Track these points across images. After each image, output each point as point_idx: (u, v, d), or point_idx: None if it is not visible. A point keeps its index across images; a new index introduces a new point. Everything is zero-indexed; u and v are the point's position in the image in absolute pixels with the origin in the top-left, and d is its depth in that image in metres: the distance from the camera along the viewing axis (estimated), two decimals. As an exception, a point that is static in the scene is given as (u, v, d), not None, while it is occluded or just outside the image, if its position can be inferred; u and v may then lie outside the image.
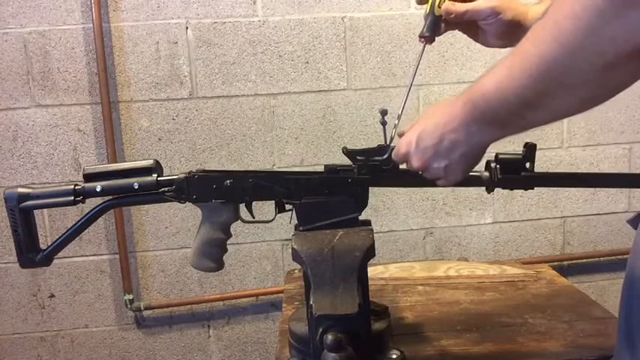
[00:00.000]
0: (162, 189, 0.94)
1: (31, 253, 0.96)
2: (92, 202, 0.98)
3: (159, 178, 0.94)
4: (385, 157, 0.89)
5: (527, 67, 0.61)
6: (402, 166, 0.91)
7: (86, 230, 0.99)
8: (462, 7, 0.89)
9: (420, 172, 0.84)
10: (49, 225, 1.76)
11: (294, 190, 0.93)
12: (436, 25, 0.91)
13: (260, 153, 1.81)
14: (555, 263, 1.92)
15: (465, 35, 0.96)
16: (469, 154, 0.77)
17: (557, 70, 0.58)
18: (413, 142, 0.80)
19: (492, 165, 0.91)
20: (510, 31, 0.90)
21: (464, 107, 0.72)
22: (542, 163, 1.87)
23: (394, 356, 0.90)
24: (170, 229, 1.82)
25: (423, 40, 0.92)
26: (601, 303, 1.19)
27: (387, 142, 0.90)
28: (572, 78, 0.58)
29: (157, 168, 0.96)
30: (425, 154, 0.79)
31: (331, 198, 0.93)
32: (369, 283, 0.92)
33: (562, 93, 0.60)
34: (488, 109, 0.68)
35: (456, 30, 0.95)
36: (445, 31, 0.94)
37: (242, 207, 0.97)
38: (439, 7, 0.90)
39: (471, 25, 0.94)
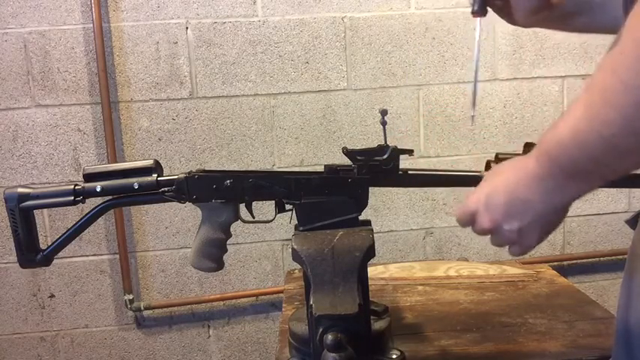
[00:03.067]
0: (162, 189, 0.94)
1: (31, 253, 0.96)
2: (92, 202, 0.98)
3: (159, 178, 0.94)
4: (385, 156, 0.89)
5: (611, 101, 0.51)
6: (402, 165, 0.91)
7: (86, 230, 0.99)
8: None
9: (489, 238, 0.75)
10: (49, 225, 1.76)
11: (294, 190, 0.93)
12: None
13: (260, 153, 1.81)
14: (555, 263, 1.92)
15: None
16: (546, 216, 0.68)
17: None
18: (482, 200, 0.72)
19: (492, 165, 0.90)
20: (542, 7, 0.83)
21: (538, 160, 0.64)
22: (542, 163, 1.87)
23: (394, 356, 0.90)
24: (170, 229, 1.82)
25: (475, 15, 0.90)
26: (601, 303, 1.19)
27: (387, 142, 0.90)
28: None
29: (157, 168, 0.96)
30: (495, 214, 0.70)
31: (331, 198, 0.92)
32: (369, 283, 0.92)
33: None
34: (567, 159, 0.59)
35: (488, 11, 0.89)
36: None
37: (242, 207, 0.97)
38: None
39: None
